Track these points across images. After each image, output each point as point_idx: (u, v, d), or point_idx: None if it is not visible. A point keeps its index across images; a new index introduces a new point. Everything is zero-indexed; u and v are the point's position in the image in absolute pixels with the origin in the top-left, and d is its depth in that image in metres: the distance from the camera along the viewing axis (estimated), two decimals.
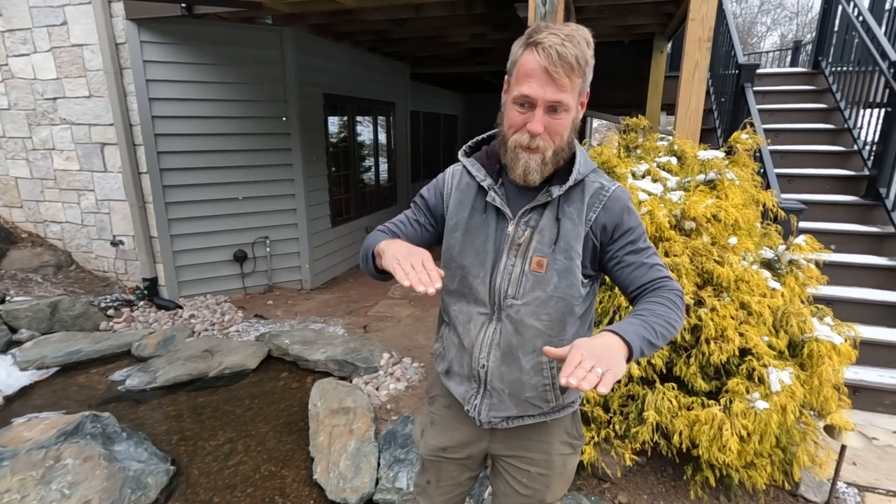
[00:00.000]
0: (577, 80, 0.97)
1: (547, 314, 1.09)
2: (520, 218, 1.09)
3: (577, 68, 0.95)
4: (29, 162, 4.92)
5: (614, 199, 1.09)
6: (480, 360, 1.15)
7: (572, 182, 1.06)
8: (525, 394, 1.15)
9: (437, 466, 1.35)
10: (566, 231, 1.07)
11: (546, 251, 1.07)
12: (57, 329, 4.00)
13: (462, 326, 1.17)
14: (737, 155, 2.42)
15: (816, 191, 4.12)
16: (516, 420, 1.19)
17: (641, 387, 2.09)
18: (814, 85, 5.12)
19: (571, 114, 1.01)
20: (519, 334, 1.11)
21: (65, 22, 4.33)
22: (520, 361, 1.12)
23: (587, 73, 0.99)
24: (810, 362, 2.10)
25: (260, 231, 4.96)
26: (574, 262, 1.07)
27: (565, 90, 0.96)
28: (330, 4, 3.61)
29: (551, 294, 1.08)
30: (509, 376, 1.14)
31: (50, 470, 2.16)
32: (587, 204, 1.08)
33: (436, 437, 1.32)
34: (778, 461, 2.09)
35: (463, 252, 1.14)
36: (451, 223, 1.17)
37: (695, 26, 2.89)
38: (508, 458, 1.27)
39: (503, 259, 1.10)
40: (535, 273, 1.08)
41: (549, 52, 0.93)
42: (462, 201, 1.16)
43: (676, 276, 2.02)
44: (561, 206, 1.08)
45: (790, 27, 24.12)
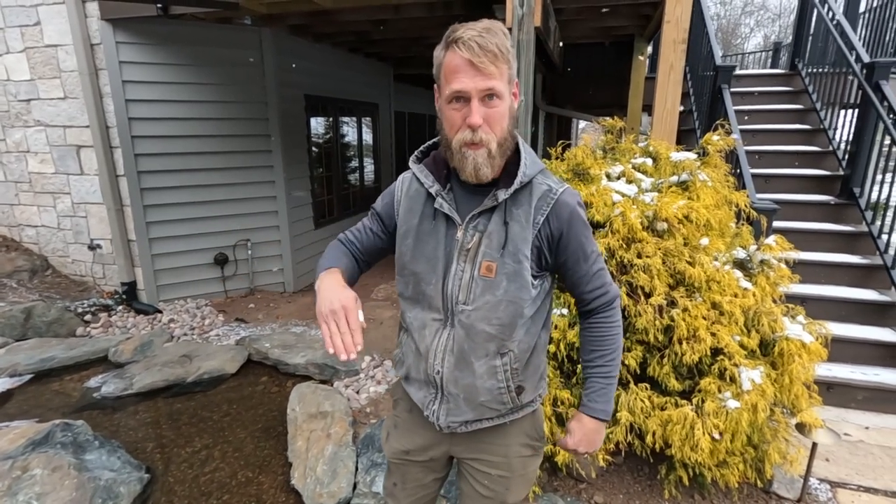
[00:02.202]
0: (504, 67, 0.99)
1: (497, 318, 1.09)
2: (468, 223, 1.09)
3: (501, 55, 0.97)
4: (2, 164, 4.82)
5: (562, 203, 1.09)
6: (435, 365, 1.15)
7: (518, 185, 1.06)
8: (480, 398, 1.15)
9: (401, 469, 1.36)
10: (514, 234, 1.07)
11: (495, 255, 1.07)
12: (31, 335, 3.92)
13: (417, 332, 1.18)
14: (709, 156, 2.45)
15: (792, 190, 4.18)
16: (474, 424, 1.19)
17: (616, 388, 2.09)
18: (791, 86, 5.20)
19: (506, 102, 1.02)
20: (471, 339, 1.11)
21: (38, 22, 4.24)
22: (473, 366, 1.13)
23: (511, 62, 1.01)
24: (781, 361, 2.13)
25: (241, 233, 4.90)
26: (523, 266, 1.07)
27: (494, 77, 0.97)
28: (307, 5, 3.58)
29: (501, 298, 1.08)
30: (463, 381, 1.14)
31: (17, 481, 2.11)
32: (535, 207, 1.08)
33: (399, 440, 1.33)
34: (750, 459, 2.12)
35: (414, 259, 1.14)
36: (402, 230, 1.17)
37: (670, 28, 2.92)
38: (470, 460, 1.27)
39: (454, 265, 1.10)
40: (485, 278, 1.08)
41: (469, 44, 0.95)
42: (412, 208, 1.16)
43: (649, 278, 2.03)
44: (508, 209, 1.07)
45: (773, 28, 24.50)
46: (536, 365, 1.21)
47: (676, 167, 2.32)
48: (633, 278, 2.05)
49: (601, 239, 2.11)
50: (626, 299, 2.05)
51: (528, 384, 1.19)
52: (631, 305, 2.06)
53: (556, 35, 4.40)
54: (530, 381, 1.20)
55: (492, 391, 1.14)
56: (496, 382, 1.14)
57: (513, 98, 1.05)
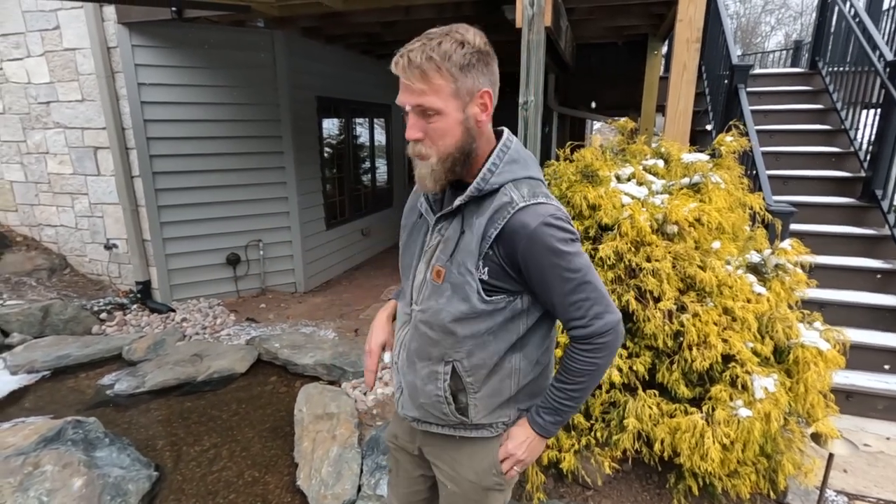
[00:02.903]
0: (440, 83, 0.93)
1: (439, 325, 1.07)
2: (434, 225, 1.11)
3: (433, 70, 0.92)
4: (23, 166, 4.94)
5: (516, 223, 0.97)
6: (395, 356, 1.21)
7: (474, 192, 1.01)
8: (420, 399, 1.16)
9: (395, 455, 1.40)
10: (463, 244, 1.03)
11: (445, 261, 1.06)
12: (48, 333, 4.00)
13: (397, 322, 1.25)
14: (722, 158, 2.39)
15: (811, 192, 4.07)
16: (423, 424, 1.20)
17: (623, 394, 2.06)
18: (810, 86, 5.07)
19: (450, 117, 0.96)
20: (416, 339, 1.13)
21: (57, 26, 4.34)
22: (416, 366, 1.14)
23: (458, 74, 0.94)
24: (796, 369, 2.07)
25: (253, 234, 4.95)
26: (466, 279, 1.02)
27: (424, 94, 0.94)
28: (318, 7, 3.60)
29: (442, 307, 1.05)
30: (408, 377, 1.17)
31: (28, 477, 2.15)
32: (490, 218, 1.00)
33: (393, 424, 1.40)
34: (763, 469, 2.06)
35: (403, 254, 1.21)
36: (402, 225, 1.24)
37: (683, 27, 2.86)
38: (433, 463, 1.28)
39: (419, 264, 1.14)
40: (433, 283, 1.07)
41: (398, 61, 0.95)
42: (413, 205, 1.21)
43: (658, 282, 1.99)
44: (469, 216, 1.04)
45: (794, 27, 23.96)
46: (497, 389, 1.11)
47: (688, 169, 2.27)
48: (642, 282, 2.01)
49: (609, 242, 2.08)
50: (634, 304, 2.01)
51: (480, 404, 1.12)
52: (639, 310, 2.02)
53: (569, 35, 4.35)
54: (485, 401, 1.12)
55: (430, 396, 1.13)
56: (434, 388, 1.12)
57: (478, 110, 0.98)
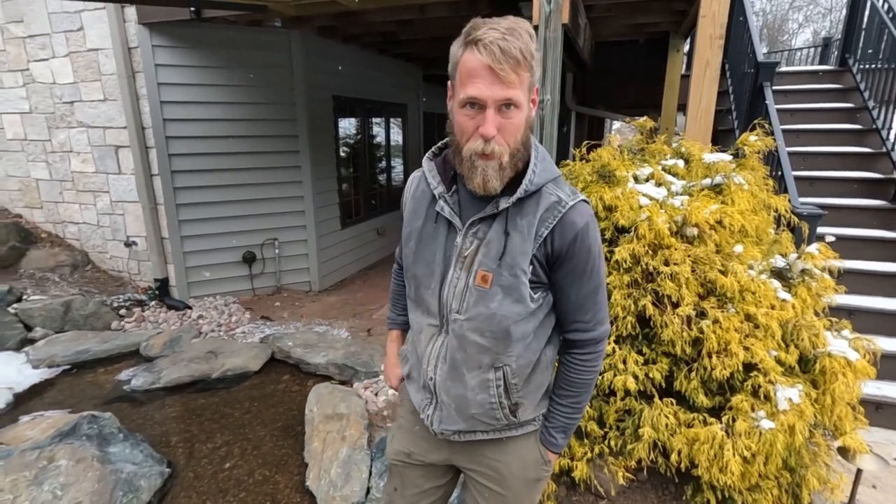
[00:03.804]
0: (525, 75, 0.91)
1: (491, 331, 1.04)
2: (468, 229, 1.04)
3: (524, 62, 0.89)
4: (48, 164, 5.06)
5: (568, 222, 1.01)
6: (429, 371, 1.13)
7: (521, 194, 0.98)
8: (471, 410, 1.11)
9: (400, 472, 1.33)
10: (514, 246, 1.00)
11: (492, 265, 1.01)
12: (69, 328, 4.08)
13: (415, 335, 1.18)
14: (746, 158, 2.30)
15: (840, 194, 3.92)
16: (468, 434, 1.16)
17: (639, 401, 1.99)
18: (840, 83, 4.89)
19: (524, 111, 0.94)
20: (463, 350, 1.07)
21: (81, 27, 4.42)
22: (464, 377, 1.09)
23: (534, 67, 0.93)
24: (823, 379, 1.97)
25: (269, 233, 4.98)
26: (520, 280, 1.01)
27: (514, 86, 0.90)
28: (334, 6, 3.59)
29: (495, 311, 1.02)
30: (454, 391, 1.11)
31: (43, 471, 2.18)
32: (539, 218, 1.00)
33: (401, 441, 1.31)
34: (786, 484, 1.97)
35: (416, 262, 1.12)
36: (406, 232, 1.15)
37: (706, 23, 2.77)
38: (469, 470, 1.24)
39: (451, 271, 1.06)
40: (479, 288, 1.02)
41: (490, 48, 0.87)
42: (417, 210, 1.13)
43: (676, 286, 1.92)
44: (512, 218, 1.01)
45: (823, 24, 23.25)
46: (539, 383, 1.14)
47: (710, 169, 2.19)
48: (660, 287, 1.94)
49: (626, 244, 2.01)
50: (651, 309, 1.94)
51: (527, 401, 1.13)
52: (657, 315, 1.95)
53: (587, 33, 4.27)
54: (530, 398, 1.13)
55: (483, 405, 1.10)
56: (488, 397, 1.09)
57: (531, 106, 0.97)
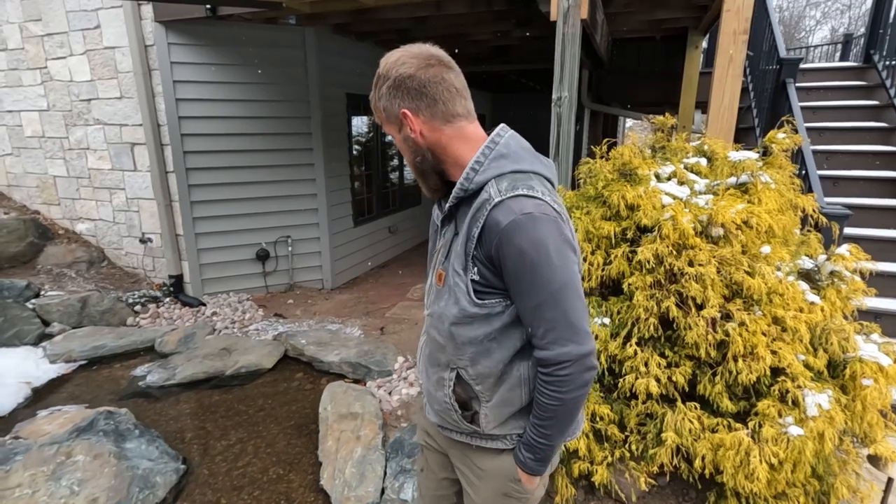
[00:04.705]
0: (382, 115, 1.07)
1: (444, 328, 1.08)
2: (440, 229, 1.13)
3: (379, 109, 1.07)
4: (66, 161, 5.10)
5: (491, 220, 0.95)
6: (418, 362, 1.26)
7: (459, 192, 1.02)
8: (434, 405, 1.18)
9: (425, 454, 1.39)
10: (455, 246, 1.05)
11: (444, 263, 1.08)
12: (86, 323, 4.12)
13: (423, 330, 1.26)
14: (773, 156, 2.23)
15: (865, 194, 3.81)
16: (444, 430, 1.21)
17: (661, 405, 1.94)
18: (864, 80, 4.76)
19: (396, 139, 1.07)
20: (427, 345, 1.16)
21: (98, 25, 4.45)
22: (428, 371, 1.17)
23: (385, 105, 1.05)
24: (853, 385, 1.91)
25: (282, 230, 4.99)
26: (456, 281, 1.03)
27: (383, 124, 1.09)
28: (349, 3, 3.57)
29: (442, 310, 1.07)
30: (425, 384, 1.20)
31: (60, 466, 2.20)
32: (471, 217, 1.00)
33: (422, 422, 1.38)
34: (813, 492, 1.91)
35: (428, 260, 1.23)
36: (429, 234, 1.25)
37: (730, 17, 2.70)
38: (457, 467, 1.27)
39: (430, 268, 1.17)
40: (437, 286, 1.10)
41: None
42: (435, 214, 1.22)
43: (701, 287, 1.87)
44: (460, 218, 1.05)
45: (842, 20, 22.80)
46: (508, 399, 1.06)
47: (735, 168, 2.12)
48: (684, 288, 1.89)
49: (648, 244, 1.96)
50: (675, 311, 1.89)
51: (491, 414, 1.08)
52: (680, 317, 1.90)
53: (604, 29, 4.21)
54: (494, 412, 1.08)
55: (441, 402, 1.14)
56: (443, 395, 1.13)
57: (408, 128, 1.04)
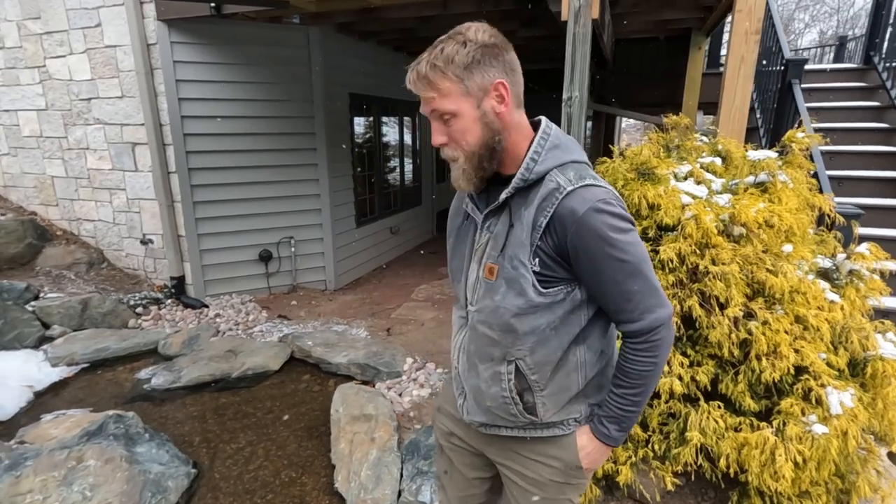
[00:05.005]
0: (447, 85, 0.95)
1: (497, 324, 1.05)
2: (482, 222, 1.09)
3: (439, 76, 0.95)
4: (64, 161, 5.03)
5: (564, 210, 0.95)
6: (454, 361, 1.20)
7: (519, 182, 0.99)
8: (486, 402, 1.13)
9: (448, 455, 1.35)
10: (515, 237, 1.01)
11: (496, 257, 1.04)
12: (87, 326, 4.05)
13: (453, 327, 1.23)
14: (791, 155, 2.24)
15: (869, 194, 3.84)
16: (492, 428, 1.17)
17: (683, 404, 1.94)
18: (865, 82, 4.82)
19: (466, 116, 0.97)
20: (475, 341, 1.12)
21: (99, 24, 4.40)
22: (477, 368, 1.12)
23: (463, 75, 0.95)
24: (873, 383, 1.91)
25: (285, 231, 4.95)
26: (519, 272, 1.00)
27: (434, 101, 0.97)
28: (356, 2, 3.55)
29: (498, 304, 1.04)
30: (471, 382, 1.15)
31: (72, 471, 2.15)
32: (537, 207, 0.98)
33: (445, 422, 1.35)
34: (835, 490, 1.91)
35: (452, 257, 1.19)
36: (448, 229, 1.21)
37: (741, 18, 2.71)
38: (501, 465, 1.24)
39: (471, 264, 1.11)
40: (487, 280, 1.06)
41: (408, 77, 0.99)
42: (458, 208, 1.19)
43: (724, 286, 1.86)
44: (517, 208, 1.02)
45: (830, 23, 23.10)
46: (565, 385, 1.08)
47: (755, 167, 2.13)
48: (707, 287, 1.88)
49: (670, 243, 1.96)
50: (697, 310, 1.88)
51: (549, 402, 1.08)
52: (703, 316, 1.89)
53: (610, 29, 4.22)
54: (553, 399, 1.09)
55: (496, 398, 1.10)
56: (500, 390, 1.09)
57: (494, 103, 0.97)
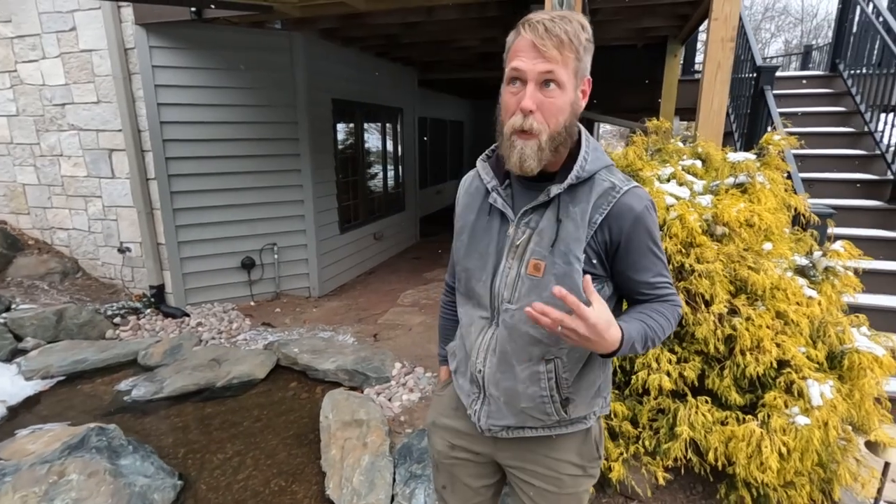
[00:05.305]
0: (570, 56, 0.92)
1: None
2: (520, 219, 1.04)
3: (568, 43, 0.91)
4: (36, 168, 4.88)
5: (624, 206, 0.99)
6: (478, 364, 1.13)
7: (573, 179, 0.99)
8: (521, 404, 1.10)
9: (449, 470, 1.30)
10: (567, 233, 1.00)
11: (544, 254, 1.01)
12: (63, 337, 3.93)
13: (465, 329, 1.17)
14: (768, 157, 2.33)
15: (838, 195, 4.00)
16: (516, 430, 1.14)
17: (672, 400, 1.99)
18: (831, 88, 5.03)
19: (567, 94, 0.94)
20: (513, 341, 1.07)
21: (74, 27, 4.30)
22: (514, 369, 1.08)
23: (581, 54, 0.94)
24: (850, 375, 2.00)
25: (268, 238, 4.89)
26: (573, 267, 0.99)
27: (555, 62, 0.91)
28: (341, 7, 3.56)
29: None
30: (504, 384, 1.10)
31: (54, 486, 2.08)
32: (593, 204, 0.99)
33: (443, 435, 1.29)
34: (818, 479, 1.98)
35: (467, 255, 1.13)
36: (458, 226, 1.16)
37: (717, 26, 2.81)
38: (515, 468, 1.21)
39: (503, 261, 1.06)
40: (532, 277, 1.02)
41: (535, 26, 0.91)
42: (469, 204, 1.15)
43: (709, 284, 1.92)
44: (564, 205, 1.01)
45: (794, 33, 24.05)
46: (591, 380, 1.12)
47: (735, 168, 2.21)
48: (692, 285, 1.94)
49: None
50: (684, 307, 1.94)
51: (578, 397, 1.11)
52: (689, 314, 1.95)
53: None
54: (582, 395, 1.12)
55: (534, 398, 1.08)
56: (538, 390, 1.08)
57: (580, 95, 0.98)
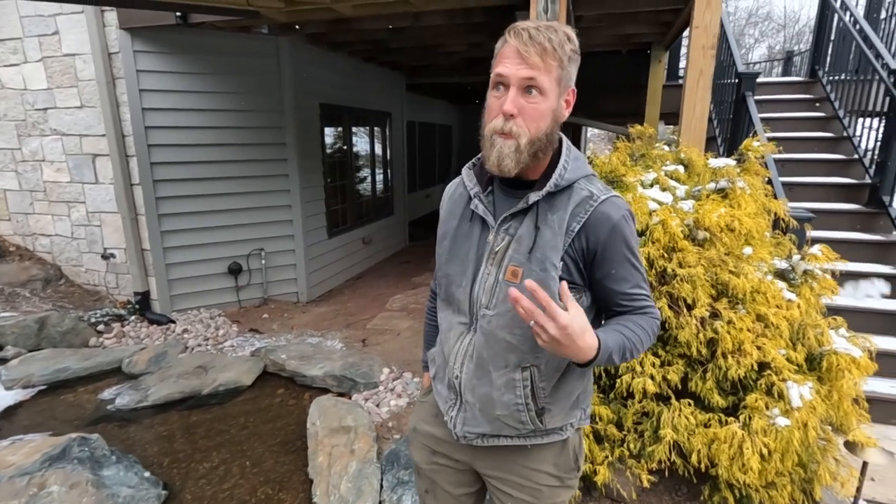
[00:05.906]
0: (553, 64, 0.94)
1: (520, 328, 1.03)
2: (500, 225, 1.06)
3: (551, 51, 0.93)
4: (18, 174, 4.81)
5: (601, 215, 1.00)
6: (455, 370, 1.13)
7: (552, 187, 1.00)
8: (496, 411, 1.10)
9: (429, 476, 1.31)
10: (544, 241, 1.01)
11: (521, 260, 1.02)
12: (45, 346, 3.86)
13: (444, 334, 1.17)
14: (748, 163, 2.38)
15: (817, 199, 4.08)
16: (492, 439, 1.14)
17: (656, 403, 2.01)
18: (811, 94, 5.13)
19: (549, 101, 0.96)
20: (490, 347, 1.07)
21: (56, 31, 4.25)
22: (491, 375, 1.09)
23: (565, 63, 0.96)
24: (829, 376, 2.04)
25: (255, 243, 4.86)
26: (549, 275, 1.00)
27: (538, 69, 0.93)
28: (328, 13, 3.56)
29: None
30: (480, 390, 1.10)
31: (34, 498, 2.04)
32: (571, 213, 1.00)
33: (423, 443, 1.30)
34: (798, 480, 2.01)
35: (449, 261, 1.13)
36: (441, 232, 1.17)
37: (699, 34, 2.86)
38: (492, 478, 1.21)
39: (482, 267, 1.07)
40: (509, 283, 1.03)
41: (520, 34, 0.94)
42: (453, 210, 1.15)
43: (691, 288, 1.95)
44: (542, 213, 1.02)
45: (777, 38, 24.50)
46: (569, 390, 1.12)
47: (716, 174, 2.25)
48: (675, 289, 1.97)
49: (640, 248, 2.04)
50: (667, 311, 1.97)
51: (555, 407, 1.10)
52: (672, 318, 1.97)
53: None
54: (559, 405, 1.11)
55: (508, 406, 1.08)
56: (514, 397, 1.08)
57: (563, 104, 1.00)
